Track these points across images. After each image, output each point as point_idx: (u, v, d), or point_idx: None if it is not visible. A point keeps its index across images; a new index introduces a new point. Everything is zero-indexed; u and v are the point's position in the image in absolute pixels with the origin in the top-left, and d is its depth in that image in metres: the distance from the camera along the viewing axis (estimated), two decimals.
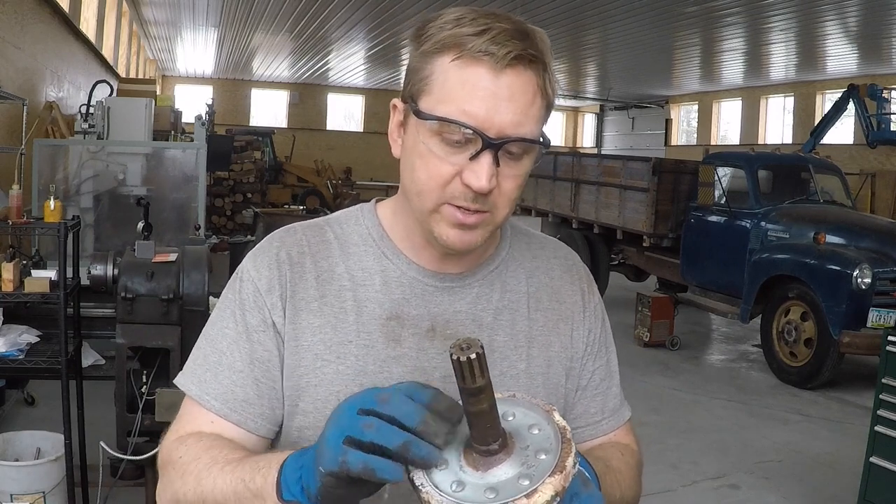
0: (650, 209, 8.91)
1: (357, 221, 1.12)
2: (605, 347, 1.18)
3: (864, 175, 15.29)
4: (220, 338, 1.06)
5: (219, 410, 1.03)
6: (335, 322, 1.04)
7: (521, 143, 0.94)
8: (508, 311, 1.10)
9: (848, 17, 13.20)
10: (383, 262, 1.08)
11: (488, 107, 0.92)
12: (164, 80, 25.02)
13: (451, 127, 0.93)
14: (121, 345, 3.13)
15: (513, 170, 0.96)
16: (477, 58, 0.92)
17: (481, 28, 0.93)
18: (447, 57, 0.94)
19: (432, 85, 0.95)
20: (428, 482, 0.77)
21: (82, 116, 6.81)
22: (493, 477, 0.77)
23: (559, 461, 0.76)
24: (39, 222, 3.38)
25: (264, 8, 14.64)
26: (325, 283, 1.06)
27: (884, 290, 6.42)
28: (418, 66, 0.97)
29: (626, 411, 1.21)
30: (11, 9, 7.45)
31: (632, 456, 1.15)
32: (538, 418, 0.82)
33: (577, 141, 32.03)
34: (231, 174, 14.56)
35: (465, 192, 0.95)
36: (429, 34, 0.96)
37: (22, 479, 3.15)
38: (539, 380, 1.10)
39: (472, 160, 0.93)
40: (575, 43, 16.74)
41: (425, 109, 0.95)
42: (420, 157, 0.97)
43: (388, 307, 1.05)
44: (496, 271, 1.11)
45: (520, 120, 0.93)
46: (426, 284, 1.07)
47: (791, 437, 5.51)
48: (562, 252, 1.20)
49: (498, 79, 0.92)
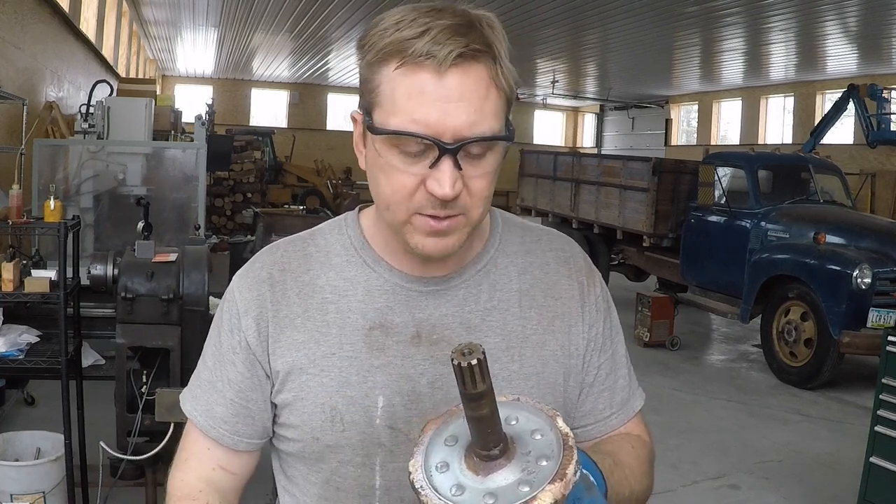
0: (650, 209, 8.91)
1: (340, 231, 1.11)
2: (611, 340, 1.14)
3: (864, 175, 15.29)
4: (207, 356, 1.12)
5: (202, 426, 1.09)
6: (318, 336, 1.04)
7: (480, 142, 0.92)
8: (498, 311, 1.07)
9: (848, 17, 13.20)
10: (365, 272, 1.07)
11: (439, 112, 0.89)
12: (164, 80, 25.01)
13: (406, 138, 0.91)
14: (121, 345, 3.13)
15: (478, 169, 0.94)
16: (419, 63, 0.90)
17: (421, 29, 0.90)
18: (391, 65, 0.91)
19: (381, 97, 0.93)
20: (428, 485, 0.77)
21: (82, 116, 6.81)
22: (493, 482, 0.77)
23: (560, 468, 0.75)
24: (39, 222, 3.38)
25: (264, 8, 14.64)
26: (306, 297, 1.06)
27: (884, 290, 6.42)
28: (367, 76, 0.95)
29: (637, 401, 1.17)
30: (11, 9, 7.44)
31: (643, 447, 1.13)
32: (541, 423, 0.82)
33: (577, 141, 32.03)
34: (231, 174, 14.55)
35: (432, 200, 0.93)
36: (371, 42, 0.94)
37: (22, 479, 3.15)
38: (533, 380, 1.06)
39: (432, 168, 0.91)
40: (575, 43, 16.75)
41: (378, 122, 0.93)
42: (382, 171, 0.96)
43: (372, 317, 1.04)
44: (484, 270, 1.08)
45: (474, 119, 0.90)
46: (410, 290, 1.05)
47: (791, 437, 5.51)
48: (558, 244, 1.16)
49: (444, 81, 0.90)
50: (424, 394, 1.03)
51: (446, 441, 0.82)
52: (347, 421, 1.03)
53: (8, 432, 3.61)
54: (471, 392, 0.75)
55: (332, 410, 1.03)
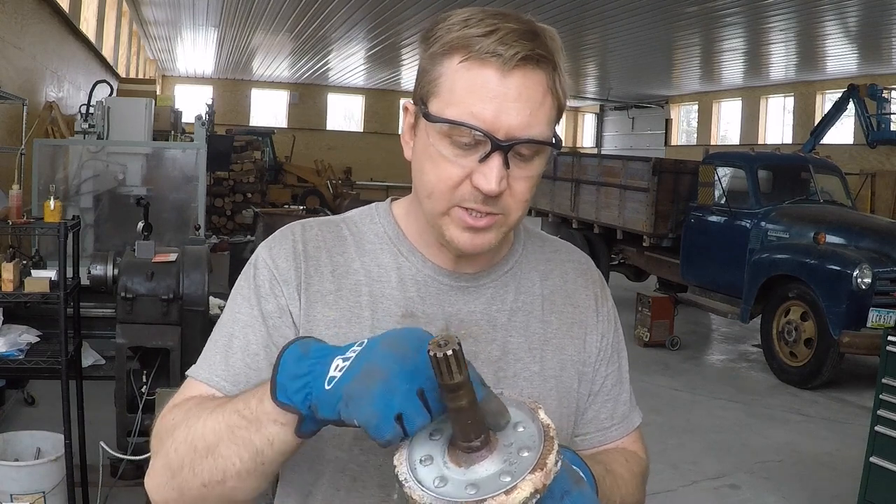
0: (650, 209, 8.91)
1: (373, 220, 1.12)
2: (618, 353, 1.17)
3: (864, 175, 15.29)
4: (232, 323, 1.05)
5: (229, 392, 1.00)
6: (350, 316, 1.04)
7: (531, 144, 0.94)
8: (523, 312, 1.09)
9: (848, 17, 13.20)
10: (399, 260, 1.07)
11: (496, 108, 0.91)
12: (164, 80, 25.02)
13: (461, 129, 0.92)
14: (121, 345, 3.13)
15: (524, 171, 0.96)
16: (484, 59, 0.92)
17: (489, 29, 0.92)
18: (455, 58, 0.93)
19: (441, 87, 0.95)
20: (412, 477, 0.79)
21: (82, 116, 6.82)
22: (475, 473, 0.78)
23: (540, 458, 0.77)
24: (39, 222, 3.38)
25: (264, 8, 14.64)
26: (340, 277, 1.06)
27: (884, 290, 6.42)
28: (427, 67, 0.97)
29: (636, 418, 1.19)
30: (11, 9, 7.45)
31: (637, 463, 1.14)
32: (523, 416, 0.83)
33: (577, 141, 32.04)
34: (231, 174, 14.57)
35: (475, 194, 0.94)
36: (437, 36, 0.96)
37: (22, 479, 3.15)
38: (552, 383, 1.09)
39: (481, 162, 0.93)
40: (575, 43, 16.73)
41: (435, 112, 0.94)
42: (430, 160, 0.96)
43: (404, 304, 1.05)
44: (511, 272, 1.11)
45: (529, 121, 0.92)
46: (441, 283, 1.07)
47: (791, 437, 5.51)
48: (576, 256, 1.20)
49: (506, 80, 0.92)
50: None
51: (431, 435, 0.83)
52: None
53: (8, 432, 3.61)
54: (448, 383, 0.75)
55: None
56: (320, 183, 19.79)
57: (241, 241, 9.80)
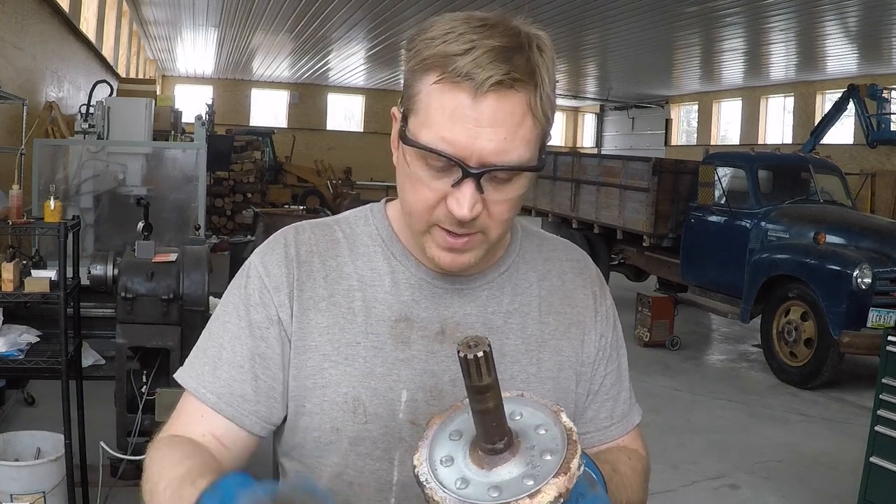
0: (650, 209, 8.91)
1: (366, 221, 1.11)
2: (617, 352, 1.17)
3: (864, 175, 15.29)
4: (222, 332, 1.05)
5: (214, 404, 1.02)
6: (343, 323, 1.03)
7: (505, 171, 0.91)
8: (519, 314, 1.09)
9: (848, 17, 13.20)
10: (392, 264, 1.07)
11: (469, 134, 0.89)
12: (164, 80, 25.01)
13: (433, 154, 0.91)
14: (121, 345, 3.13)
15: (501, 194, 0.94)
16: (457, 82, 0.89)
17: (466, 47, 0.89)
18: (431, 77, 0.91)
19: (418, 105, 0.93)
20: (433, 479, 0.78)
21: (82, 116, 6.82)
22: (498, 476, 0.77)
23: (564, 462, 0.76)
24: (39, 222, 3.38)
25: (264, 8, 14.64)
26: (333, 282, 1.05)
27: (884, 290, 6.42)
28: (409, 81, 0.95)
29: (636, 416, 1.19)
30: (11, 9, 7.45)
31: (639, 461, 1.14)
32: (545, 419, 0.82)
33: (577, 141, 32.02)
34: (231, 174, 14.56)
35: (451, 217, 0.93)
36: (416, 49, 0.93)
37: (22, 479, 3.15)
38: (549, 384, 1.08)
39: (454, 187, 0.91)
40: (575, 43, 16.74)
41: (412, 130, 0.93)
42: (408, 179, 0.96)
43: (398, 309, 1.04)
44: (506, 274, 1.10)
45: (503, 147, 0.89)
46: (436, 286, 1.06)
47: (791, 437, 5.51)
48: (574, 255, 1.19)
49: (479, 104, 0.88)
50: (446, 391, 1.03)
51: (451, 436, 0.82)
52: (371, 413, 1.02)
53: (8, 432, 3.61)
54: (476, 384, 0.75)
55: (355, 401, 1.01)
56: (320, 183, 19.79)
57: (241, 241, 9.81)
